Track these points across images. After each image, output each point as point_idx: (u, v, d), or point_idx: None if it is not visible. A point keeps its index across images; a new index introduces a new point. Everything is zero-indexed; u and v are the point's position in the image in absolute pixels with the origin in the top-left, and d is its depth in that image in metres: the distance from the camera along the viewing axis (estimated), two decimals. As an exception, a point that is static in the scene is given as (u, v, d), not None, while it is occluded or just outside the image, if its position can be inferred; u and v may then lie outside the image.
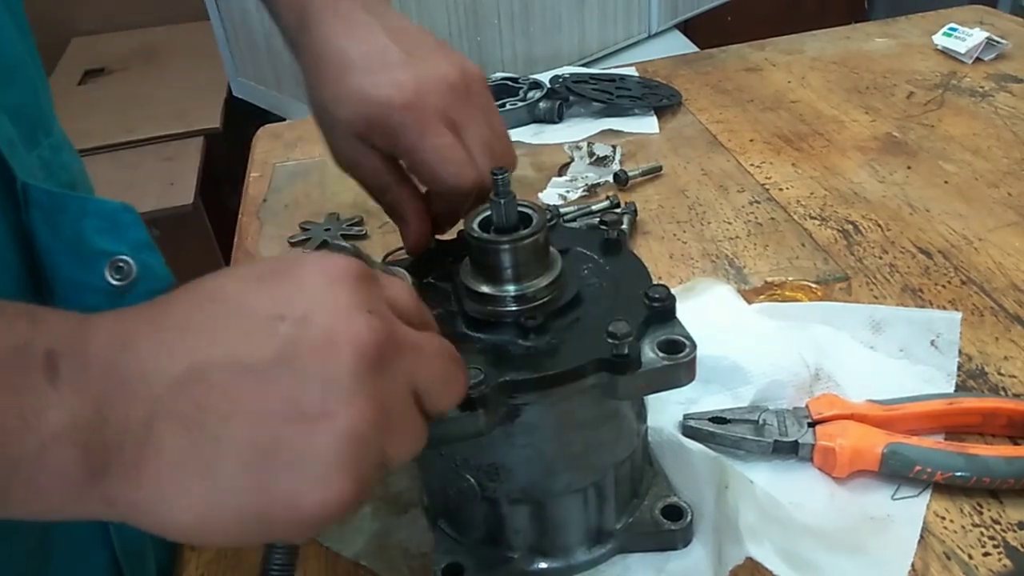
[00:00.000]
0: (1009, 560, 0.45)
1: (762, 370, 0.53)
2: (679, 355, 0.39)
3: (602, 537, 0.46)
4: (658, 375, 0.39)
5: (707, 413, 0.52)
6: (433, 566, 0.46)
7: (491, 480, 0.43)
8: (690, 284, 0.65)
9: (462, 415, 0.37)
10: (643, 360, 0.39)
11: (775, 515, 0.46)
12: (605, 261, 0.45)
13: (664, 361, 0.39)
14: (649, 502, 0.47)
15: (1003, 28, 1.10)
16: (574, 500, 0.44)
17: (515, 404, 0.39)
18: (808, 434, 0.50)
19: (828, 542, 0.45)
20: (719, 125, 0.95)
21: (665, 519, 0.46)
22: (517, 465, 0.42)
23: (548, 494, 0.44)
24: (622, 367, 0.38)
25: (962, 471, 0.47)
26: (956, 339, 0.58)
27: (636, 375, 0.39)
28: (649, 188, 0.83)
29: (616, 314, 0.40)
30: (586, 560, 0.46)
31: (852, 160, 0.85)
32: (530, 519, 0.45)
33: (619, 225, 0.47)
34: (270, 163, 0.97)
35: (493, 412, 0.38)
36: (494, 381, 0.37)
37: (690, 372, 0.39)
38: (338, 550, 0.49)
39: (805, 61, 1.09)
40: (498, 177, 0.41)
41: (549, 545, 0.46)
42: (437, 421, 0.34)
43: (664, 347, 0.39)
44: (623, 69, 1.11)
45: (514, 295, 0.41)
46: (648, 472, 0.49)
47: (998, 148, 0.84)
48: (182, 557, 0.50)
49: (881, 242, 0.71)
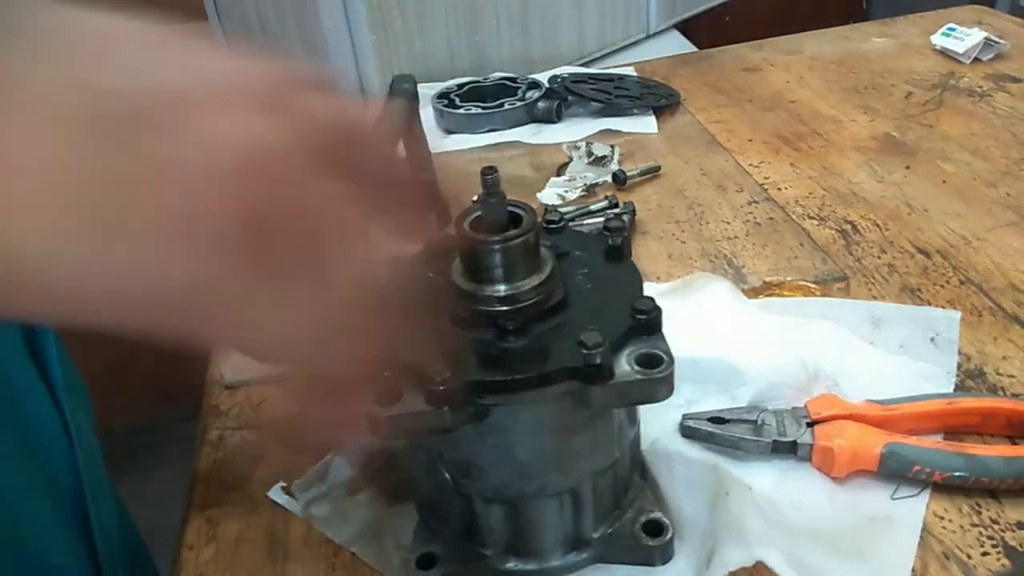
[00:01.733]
0: (1008, 560, 0.45)
1: (760, 371, 0.53)
2: (655, 370, 0.38)
3: (579, 544, 0.46)
4: (632, 389, 0.38)
5: (706, 413, 0.52)
6: (409, 553, 0.46)
7: (464, 477, 0.43)
8: (688, 279, 0.65)
9: (429, 410, 0.37)
10: (617, 372, 0.38)
11: (777, 519, 0.46)
12: (603, 267, 0.45)
13: (638, 375, 0.38)
14: (632, 515, 0.47)
15: (1001, 28, 1.10)
16: (548, 504, 0.44)
17: (484, 404, 0.39)
18: (807, 434, 0.50)
19: (830, 546, 0.45)
20: (718, 125, 0.95)
21: (645, 534, 0.45)
22: (489, 464, 0.42)
23: (521, 496, 0.43)
24: (593, 377, 0.38)
25: (961, 471, 0.47)
26: (955, 337, 0.58)
27: (608, 387, 0.38)
28: (648, 188, 0.83)
29: (599, 323, 0.39)
30: (560, 565, 0.46)
31: (851, 160, 0.85)
32: (504, 519, 0.44)
33: (623, 232, 0.46)
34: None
35: (461, 410, 0.38)
36: (462, 380, 0.37)
37: (667, 388, 0.39)
38: (331, 535, 0.50)
39: (804, 61, 1.09)
40: (488, 177, 0.41)
41: (523, 546, 0.46)
42: (403, 413, 0.34)
43: (641, 361, 0.39)
44: (622, 69, 1.11)
45: (496, 296, 0.40)
46: (636, 484, 0.48)
47: (996, 148, 0.84)
48: (181, 557, 0.50)
49: (880, 242, 0.71)
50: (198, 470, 0.56)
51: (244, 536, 0.51)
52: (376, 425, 0.38)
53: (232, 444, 0.58)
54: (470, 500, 0.44)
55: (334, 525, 0.50)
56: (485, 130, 0.98)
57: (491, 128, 0.98)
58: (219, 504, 0.53)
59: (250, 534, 0.51)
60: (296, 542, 0.50)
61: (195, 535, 0.51)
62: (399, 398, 0.38)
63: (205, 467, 0.56)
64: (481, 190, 0.41)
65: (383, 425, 0.38)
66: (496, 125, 0.98)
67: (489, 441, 0.41)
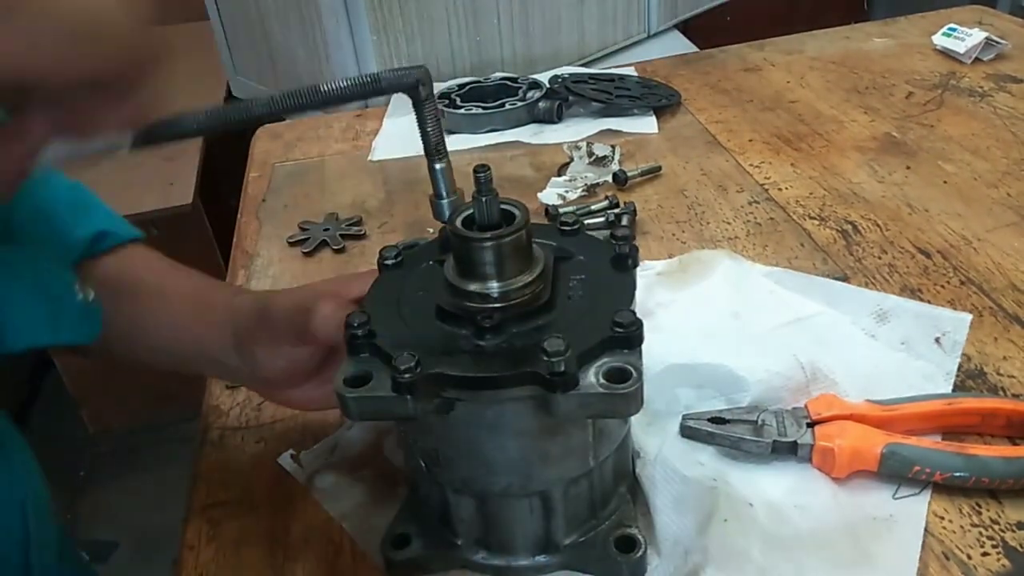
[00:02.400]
0: (1008, 560, 0.45)
1: (758, 377, 0.53)
2: (620, 385, 0.38)
3: (548, 548, 0.46)
4: (596, 401, 0.38)
5: (706, 413, 0.52)
6: (387, 530, 0.47)
7: (434, 464, 0.44)
8: (687, 259, 0.65)
9: (393, 396, 0.38)
10: (582, 383, 0.38)
11: (778, 538, 0.46)
12: (603, 275, 0.44)
13: (602, 388, 0.38)
14: (608, 527, 0.46)
15: (1002, 28, 1.10)
16: (517, 504, 0.44)
17: (447, 398, 0.39)
18: (807, 434, 0.50)
19: (834, 555, 0.45)
20: (718, 125, 0.95)
21: (616, 549, 0.45)
22: (456, 456, 0.43)
23: (487, 492, 0.44)
24: (554, 385, 0.37)
25: (961, 471, 0.47)
26: (962, 340, 0.58)
27: (569, 396, 0.37)
28: (648, 188, 0.83)
29: (577, 331, 0.39)
30: (528, 565, 0.46)
31: (851, 160, 0.85)
32: (474, 511, 0.45)
33: (628, 240, 0.45)
34: (269, 163, 0.97)
35: (424, 400, 0.38)
36: (427, 370, 0.38)
37: (634, 404, 0.38)
38: (327, 508, 0.51)
39: (804, 61, 1.09)
40: (480, 175, 0.41)
41: (492, 540, 0.46)
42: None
43: (609, 374, 0.38)
44: (622, 69, 1.11)
45: (478, 292, 0.41)
46: (619, 496, 0.48)
47: (997, 148, 0.84)
48: (181, 557, 0.50)
49: (880, 242, 0.71)
50: (198, 470, 0.56)
51: (244, 536, 0.51)
52: (343, 404, 0.39)
53: (232, 444, 0.58)
54: (442, 488, 0.45)
55: (331, 498, 0.52)
56: (486, 130, 0.98)
57: (492, 128, 0.98)
58: (219, 504, 0.53)
59: (250, 534, 0.51)
60: (296, 542, 0.50)
61: (195, 535, 0.51)
62: (367, 381, 0.39)
63: (205, 467, 0.56)
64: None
65: (348, 404, 0.39)
66: (497, 125, 0.98)
67: (453, 434, 0.42)
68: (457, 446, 0.43)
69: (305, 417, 0.58)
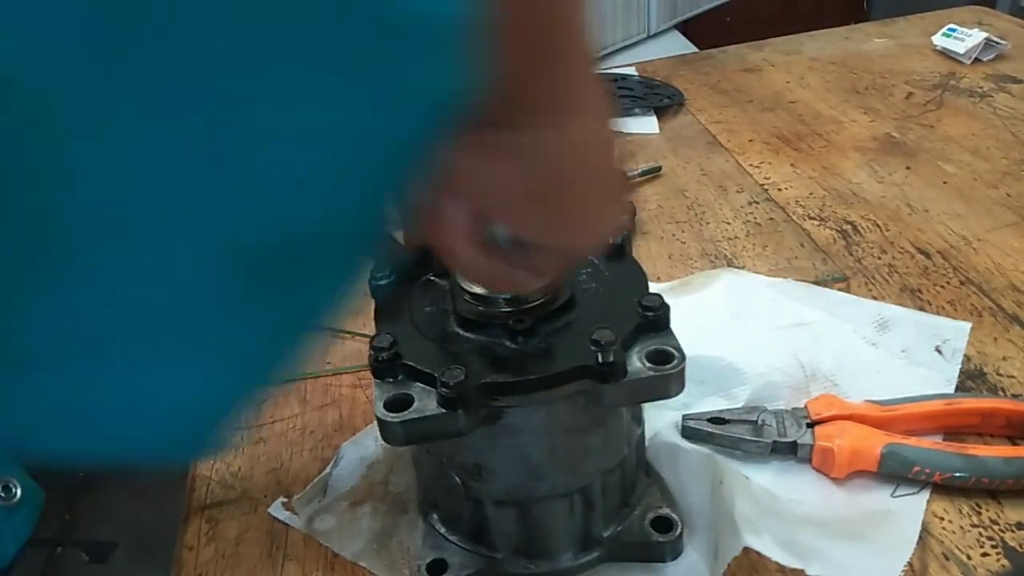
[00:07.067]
0: (1007, 560, 0.45)
1: (758, 371, 0.53)
2: (667, 366, 0.38)
3: (589, 544, 0.46)
4: (645, 385, 0.38)
5: (706, 413, 0.52)
6: (418, 560, 0.46)
7: (474, 480, 0.43)
8: (688, 278, 0.65)
9: (443, 413, 0.37)
10: (630, 369, 0.38)
11: (773, 508, 0.46)
12: (606, 266, 0.45)
13: (651, 372, 0.38)
14: (640, 512, 0.47)
15: (1002, 29, 1.10)
16: (559, 505, 0.44)
17: (497, 406, 0.39)
18: (807, 435, 0.50)
19: (829, 531, 0.45)
20: (718, 125, 0.95)
21: (654, 531, 0.46)
22: (500, 467, 0.42)
23: (532, 497, 0.43)
24: (606, 375, 0.38)
25: (961, 471, 0.47)
26: (962, 347, 0.57)
27: (621, 384, 0.38)
28: (648, 188, 0.83)
29: (608, 321, 0.39)
30: (572, 566, 0.46)
31: (851, 160, 0.85)
32: (515, 521, 0.44)
33: (623, 230, 0.46)
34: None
35: (474, 412, 0.38)
36: (476, 382, 0.37)
37: (679, 383, 0.39)
38: (338, 550, 0.49)
39: (804, 61, 1.09)
40: None
41: (534, 548, 0.46)
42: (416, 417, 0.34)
43: (652, 357, 0.39)
44: (623, 69, 1.11)
45: (505, 297, 0.41)
46: (642, 482, 0.48)
47: (997, 148, 0.84)
48: (181, 557, 0.50)
49: (880, 242, 0.71)
50: (198, 470, 0.56)
51: (244, 536, 0.51)
52: (388, 430, 0.38)
53: (231, 444, 0.58)
54: (480, 503, 0.44)
55: (339, 539, 0.49)
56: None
57: (492, 128, 0.97)
58: (219, 504, 0.53)
59: (250, 534, 0.51)
60: (296, 542, 0.50)
61: (195, 535, 0.51)
62: (410, 404, 0.38)
63: (205, 467, 0.56)
64: None
65: (394, 430, 0.38)
66: (497, 125, 0.98)
67: (500, 443, 0.41)
68: (502, 455, 0.42)
69: (305, 417, 0.58)
